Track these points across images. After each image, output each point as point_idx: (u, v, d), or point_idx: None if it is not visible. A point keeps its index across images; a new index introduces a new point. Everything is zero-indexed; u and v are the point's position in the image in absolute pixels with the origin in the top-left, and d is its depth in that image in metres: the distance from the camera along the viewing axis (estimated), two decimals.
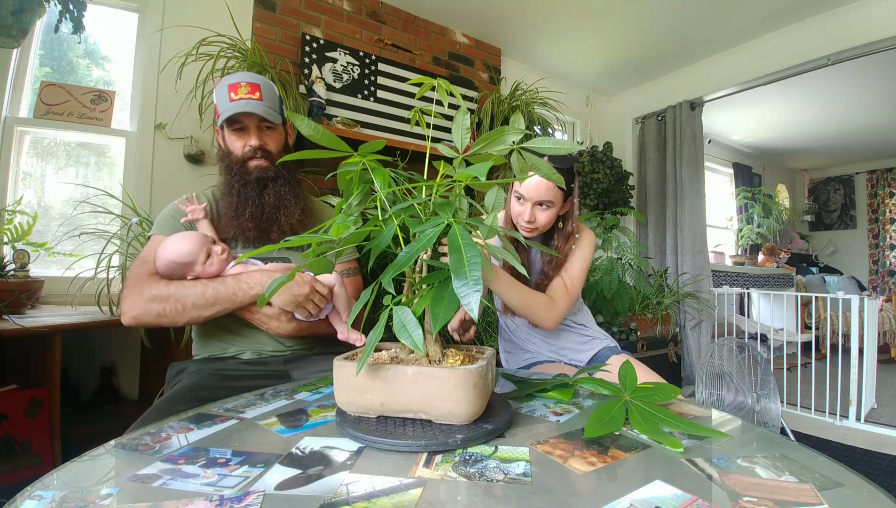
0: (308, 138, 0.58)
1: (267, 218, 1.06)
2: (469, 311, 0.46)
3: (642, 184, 3.57)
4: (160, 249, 0.97)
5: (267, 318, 1.01)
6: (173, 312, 0.94)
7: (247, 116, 1.05)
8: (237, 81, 1.04)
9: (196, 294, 0.95)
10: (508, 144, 0.61)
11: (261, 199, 1.05)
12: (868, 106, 3.88)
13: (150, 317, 0.94)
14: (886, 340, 3.91)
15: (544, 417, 0.67)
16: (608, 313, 2.58)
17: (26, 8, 1.40)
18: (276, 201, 1.06)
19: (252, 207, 1.04)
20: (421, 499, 0.42)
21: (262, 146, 1.07)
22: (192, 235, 0.99)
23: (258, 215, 1.05)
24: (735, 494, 0.44)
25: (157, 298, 0.94)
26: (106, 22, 2.02)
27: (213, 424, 0.63)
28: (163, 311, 0.94)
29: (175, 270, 0.97)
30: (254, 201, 1.05)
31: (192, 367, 1.04)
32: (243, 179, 1.06)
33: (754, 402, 2.03)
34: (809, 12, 2.60)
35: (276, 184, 1.07)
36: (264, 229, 1.06)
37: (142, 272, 0.97)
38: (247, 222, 1.04)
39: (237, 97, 1.02)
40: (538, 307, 1.14)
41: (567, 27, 2.83)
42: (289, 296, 0.98)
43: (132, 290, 0.95)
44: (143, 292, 0.94)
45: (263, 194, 1.06)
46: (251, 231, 1.05)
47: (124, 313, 0.94)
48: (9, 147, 1.75)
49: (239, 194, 1.05)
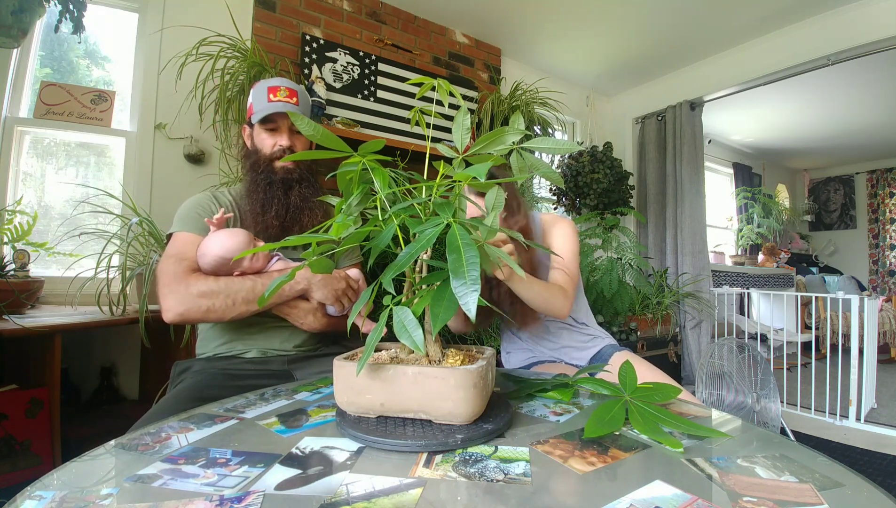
0: (308, 138, 0.59)
1: (291, 218, 1.09)
2: (467, 311, 0.46)
3: (642, 184, 3.57)
4: (206, 246, 0.98)
5: (304, 313, 1.04)
6: (223, 307, 0.95)
7: (281, 117, 1.09)
8: (277, 85, 1.09)
9: (246, 289, 0.97)
10: (508, 144, 0.61)
11: (287, 199, 1.09)
12: (868, 106, 3.88)
13: (199, 312, 0.94)
14: (886, 340, 3.91)
15: (544, 417, 0.66)
16: (608, 313, 2.58)
17: (26, 8, 1.40)
18: (301, 203, 1.10)
19: (277, 205, 1.08)
20: (421, 499, 0.42)
21: (292, 147, 1.11)
22: (237, 231, 1.01)
23: (283, 214, 1.08)
24: (735, 494, 0.44)
25: (206, 293, 0.94)
26: (106, 22, 2.02)
27: (213, 424, 0.63)
28: (212, 306, 0.95)
29: (223, 265, 0.98)
30: (279, 200, 1.08)
31: (196, 366, 1.04)
32: (269, 178, 1.09)
33: (754, 402, 2.03)
34: (809, 12, 2.60)
35: (302, 186, 1.11)
36: (287, 227, 1.09)
37: (181, 269, 0.97)
38: (272, 220, 1.07)
39: (276, 99, 1.07)
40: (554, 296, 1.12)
41: (567, 27, 2.83)
42: (330, 291, 1.03)
43: (174, 287, 0.94)
44: (189, 288, 0.94)
45: (289, 194, 1.09)
46: (274, 229, 1.08)
47: (167, 310, 0.94)
48: (9, 147, 1.75)
49: (265, 192, 1.08)
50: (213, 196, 1.13)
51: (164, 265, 0.99)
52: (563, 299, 1.14)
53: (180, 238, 1.04)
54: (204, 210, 1.08)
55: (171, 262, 0.99)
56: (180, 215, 1.09)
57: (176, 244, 1.03)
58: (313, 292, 1.03)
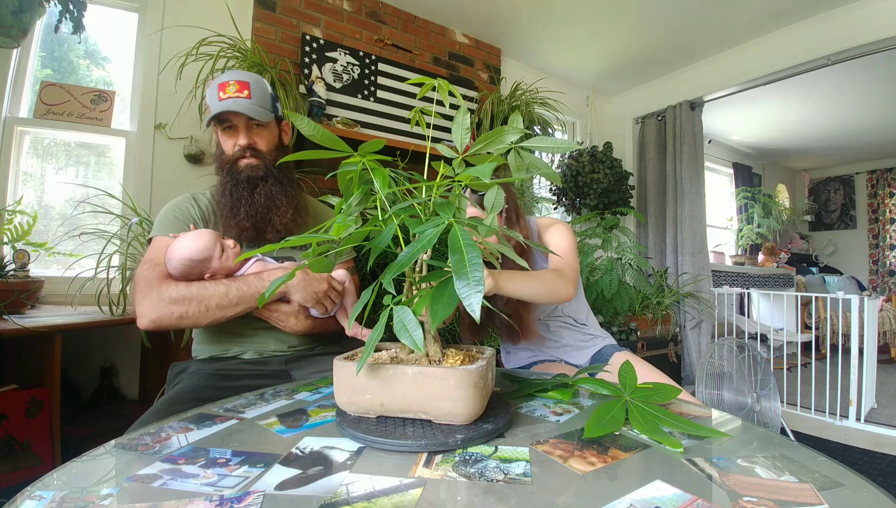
0: (308, 138, 0.59)
1: (260, 218, 1.06)
2: (471, 312, 0.46)
3: (642, 184, 3.56)
4: (171, 250, 0.95)
5: (285, 316, 1.02)
6: (196, 313, 0.93)
7: (234, 116, 1.04)
8: (226, 81, 1.03)
9: (220, 295, 0.94)
10: (507, 143, 0.61)
11: (252, 198, 1.05)
12: (868, 106, 3.88)
13: (172, 319, 0.92)
14: (886, 340, 3.91)
15: (544, 417, 0.66)
16: (608, 313, 2.58)
17: (26, 8, 1.40)
18: (268, 201, 1.06)
19: (246, 206, 1.04)
20: (421, 499, 0.42)
21: (251, 145, 1.07)
22: (203, 231, 0.98)
23: (252, 214, 1.05)
24: (735, 494, 0.44)
25: (178, 300, 0.92)
26: (106, 22, 2.02)
27: (213, 424, 0.63)
28: (185, 313, 0.92)
29: (192, 268, 0.94)
30: (246, 200, 1.05)
31: (193, 367, 1.04)
32: (235, 178, 1.06)
33: (754, 402, 2.03)
34: (809, 12, 2.60)
35: (267, 183, 1.07)
36: (260, 228, 1.06)
37: (154, 275, 0.95)
38: (243, 222, 1.04)
39: (225, 96, 1.01)
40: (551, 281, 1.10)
41: (567, 27, 2.83)
42: (310, 293, 1.00)
43: (146, 293, 0.93)
44: (161, 295, 0.92)
45: (254, 193, 1.05)
46: (248, 231, 1.05)
47: (141, 316, 0.92)
48: (9, 147, 1.75)
49: (231, 194, 1.05)
50: (192, 198, 1.11)
51: (139, 270, 0.97)
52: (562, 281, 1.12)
53: (157, 243, 1.02)
54: (181, 213, 1.07)
55: (145, 267, 0.97)
56: (158, 219, 1.07)
57: (152, 249, 1.01)
58: (292, 295, 1.00)
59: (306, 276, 1.00)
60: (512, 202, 1.24)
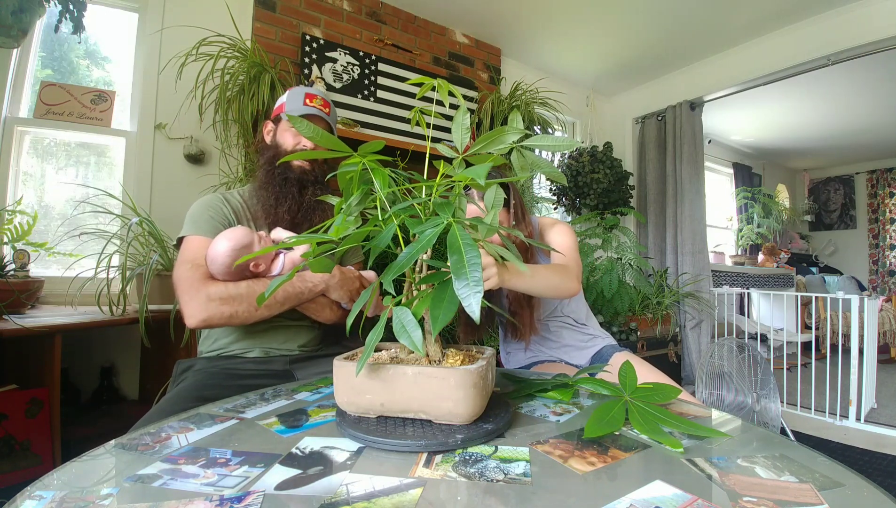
0: (307, 139, 0.59)
1: (302, 216, 1.11)
2: (470, 313, 0.46)
3: (642, 184, 3.56)
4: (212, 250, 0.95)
5: (321, 307, 1.07)
6: (246, 313, 0.95)
7: (315, 120, 1.14)
8: (315, 94, 1.16)
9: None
10: (507, 143, 0.61)
11: (301, 197, 1.11)
12: (868, 106, 3.87)
13: (223, 319, 0.94)
14: (886, 340, 3.91)
15: (544, 417, 0.66)
16: (608, 313, 2.58)
17: (26, 8, 1.40)
18: (315, 204, 1.12)
19: (290, 201, 1.10)
20: (421, 499, 0.42)
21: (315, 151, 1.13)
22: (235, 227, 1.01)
23: (294, 210, 1.10)
24: (735, 494, 0.44)
25: (227, 299, 0.94)
26: (106, 22, 2.02)
27: (213, 424, 0.63)
28: (235, 312, 0.95)
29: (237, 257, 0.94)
30: (293, 197, 1.10)
31: (198, 365, 1.04)
32: (285, 173, 1.11)
33: (754, 402, 2.03)
34: (809, 12, 2.60)
35: (316, 187, 1.14)
36: (297, 224, 1.10)
37: (198, 275, 0.96)
38: (283, 215, 1.09)
39: (311, 105, 1.14)
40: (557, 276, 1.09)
41: (567, 27, 2.83)
42: (346, 290, 1.07)
43: (193, 294, 0.94)
44: (210, 295, 0.93)
45: (303, 192, 1.12)
46: (285, 224, 1.09)
47: (189, 316, 0.93)
48: (9, 147, 1.75)
49: (280, 187, 1.10)
50: (223, 198, 1.12)
51: (180, 271, 0.98)
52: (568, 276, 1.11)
53: (193, 242, 1.02)
54: (216, 212, 1.08)
55: (186, 268, 0.97)
56: (192, 218, 1.07)
57: (190, 249, 1.01)
58: (331, 293, 1.06)
59: (342, 275, 1.07)
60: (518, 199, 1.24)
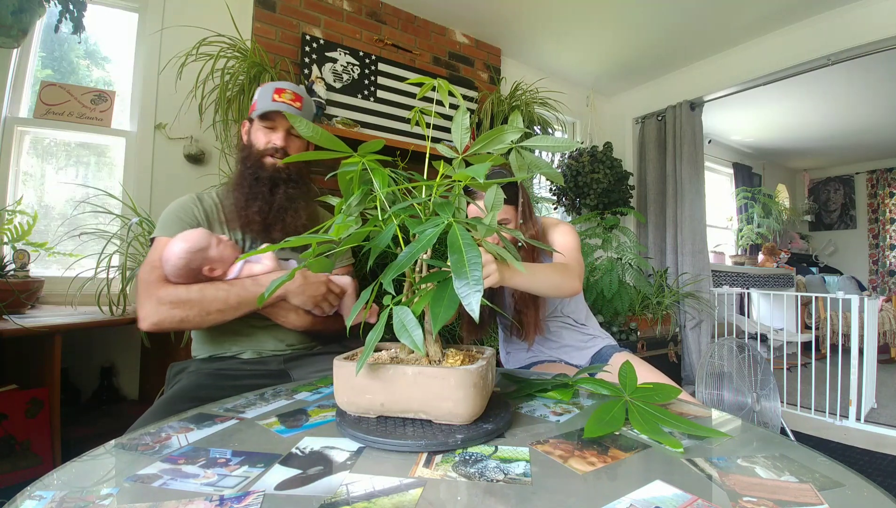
0: (308, 140, 0.59)
1: (273, 216, 1.08)
2: (470, 311, 0.46)
3: (642, 184, 3.56)
4: (167, 250, 0.95)
5: (285, 311, 1.04)
6: (197, 318, 0.94)
7: (280, 117, 1.09)
8: (284, 88, 1.11)
9: (219, 300, 0.95)
10: (507, 143, 0.61)
11: (272, 196, 1.08)
12: (868, 106, 3.87)
13: (173, 323, 0.94)
14: (886, 340, 3.91)
15: (544, 417, 0.66)
16: (608, 313, 2.58)
17: (26, 8, 1.39)
18: (286, 203, 1.09)
19: (261, 201, 1.07)
20: (421, 499, 0.42)
21: (284, 148, 1.11)
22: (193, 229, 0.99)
23: (266, 210, 1.07)
24: (735, 494, 0.44)
25: (178, 303, 0.93)
26: (106, 22, 2.02)
27: (213, 424, 0.63)
28: (186, 317, 0.94)
29: (191, 261, 0.94)
30: (264, 196, 1.07)
31: (192, 367, 1.04)
32: (256, 173, 1.08)
33: (754, 402, 2.03)
34: (809, 12, 2.60)
35: (288, 186, 1.10)
36: (269, 225, 1.08)
37: (154, 278, 0.96)
38: (254, 215, 1.06)
39: (280, 100, 1.08)
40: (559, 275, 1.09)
41: (567, 27, 2.83)
42: (308, 296, 1.02)
43: (147, 296, 0.94)
44: (161, 298, 0.93)
45: (274, 192, 1.08)
46: (256, 225, 1.07)
47: (142, 319, 0.93)
48: (9, 147, 1.75)
49: (250, 187, 1.08)
50: (197, 198, 1.12)
51: (141, 273, 0.98)
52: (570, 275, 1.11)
53: (158, 244, 1.02)
54: (185, 213, 1.07)
55: (146, 269, 0.98)
56: (162, 219, 1.08)
57: (154, 250, 1.02)
58: (291, 299, 1.02)
59: (304, 280, 1.01)
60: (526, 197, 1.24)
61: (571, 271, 1.13)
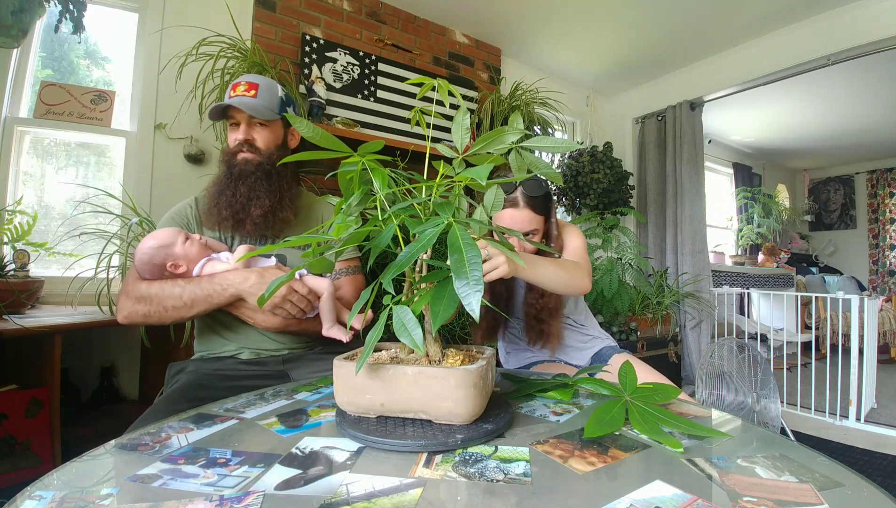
0: (307, 139, 0.59)
1: (240, 208, 1.06)
2: (470, 311, 0.46)
3: (642, 184, 3.56)
4: (138, 248, 1.00)
5: (251, 312, 1.02)
6: (157, 313, 0.98)
7: (237, 112, 1.09)
8: (238, 81, 1.10)
9: (174, 296, 0.97)
10: (507, 143, 0.61)
11: (236, 189, 1.07)
12: (868, 106, 3.87)
13: (138, 317, 0.98)
14: (886, 340, 3.91)
15: (544, 417, 0.66)
16: (608, 313, 2.58)
17: (26, 8, 1.39)
18: (249, 193, 1.07)
19: (227, 196, 1.06)
20: (421, 499, 0.42)
21: (249, 140, 1.10)
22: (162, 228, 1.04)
23: (232, 203, 1.06)
24: (735, 494, 0.44)
25: (140, 299, 0.98)
26: (106, 22, 2.02)
27: (213, 424, 0.63)
28: (148, 312, 0.98)
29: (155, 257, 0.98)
30: (231, 190, 1.07)
31: (191, 367, 1.04)
32: (229, 171, 1.09)
33: (754, 402, 2.03)
34: (809, 12, 2.60)
35: (253, 177, 1.08)
36: (239, 219, 1.06)
37: (132, 275, 1.02)
38: (223, 211, 1.06)
39: (234, 94, 1.07)
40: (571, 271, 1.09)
41: (567, 27, 2.83)
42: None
43: (124, 291, 1.01)
44: (129, 293, 0.99)
45: (239, 184, 1.07)
46: (227, 220, 1.06)
47: (118, 311, 1.01)
48: (9, 147, 1.75)
49: (219, 185, 1.09)
50: (194, 200, 1.15)
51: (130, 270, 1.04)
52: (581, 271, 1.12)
53: None
54: (178, 213, 1.11)
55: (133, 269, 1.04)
56: (160, 223, 1.11)
57: None
58: (248, 299, 0.99)
59: (260, 279, 0.98)
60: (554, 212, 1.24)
61: (582, 269, 1.13)
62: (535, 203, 1.16)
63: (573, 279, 1.08)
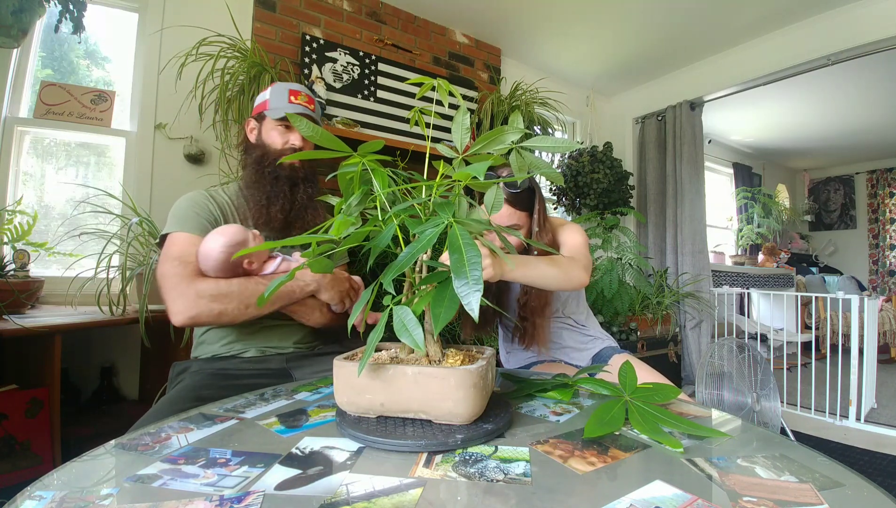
0: (307, 139, 0.59)
1: (295, 214, 1.11)
2: (469, 311, 0.46)
3: (642, 184, 3.56)
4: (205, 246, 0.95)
5: (311, 310, 1.08)
6: (236, 310, 0.95)
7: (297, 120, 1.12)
8: (299, 90, 1.16)
9: (258, 293, 0.96)
10: (507, 143, 0.61)
11: (292, 195, 1.12)
12: (868, 106, 3.87)
13: (211, 316, 0.93)
14: (886, 340, 3.91)
15: (544, 417, 0.66)
16: (608, 313, 2.58)
17: (26, 8, 1.39)
18: (307, 201, 1.13)
19: (283, 200, 1.10)
20: (421, 499, 0.42)
21: (302, 149, 1.14)
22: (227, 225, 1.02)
23: (287, 209, 1.10)
24: (735, 494, 0.44)
25: (217, 296, 0.93)
26: (106, 22, 2.02)
27: (213, 424, 0.63)
28: (224, 310, 0.94)
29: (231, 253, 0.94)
30: (285, 195, 1.10)
31: (194, 366, 1.04)
32: (276, 172, 1.11)
33: (754, 402, 2.03)
34: (809, 12, 2.60)
35: (306, 184, 1.14)
36: (290, 223, 1.11)
37: (187, 272, 0.95)
38: (276, 214, 1.09)
39: (297, 102, 1.14)
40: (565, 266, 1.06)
41: (567, 27, 2.83)
42: (336, 292, 1.07)
43: (181, 290, 0.92)
44: (199, 292, 0.92)
45: (295, 191, 1.12)
46: (277, 222, 1.09)
47: (176, 313, 0.92)
48: (9, 147, 1.75)
49: (271, 186, 1.10)
50: (209, 195, 1.11)
51: (166, 268, 0.95)
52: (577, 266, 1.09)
53: (180, 239, 1.00)
54: (201, 209, 1.06)
55: (174, 264, 0.95)
56: (177, 215, 1.05)
57: (177, 246, 0.99)
58: (321, 294, 1.06)
59: (333, 276, 1.07)
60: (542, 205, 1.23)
61: (576, 263, 1.10)
62: (514, 198, 1.14)
63: (567, 275, 1.05)
